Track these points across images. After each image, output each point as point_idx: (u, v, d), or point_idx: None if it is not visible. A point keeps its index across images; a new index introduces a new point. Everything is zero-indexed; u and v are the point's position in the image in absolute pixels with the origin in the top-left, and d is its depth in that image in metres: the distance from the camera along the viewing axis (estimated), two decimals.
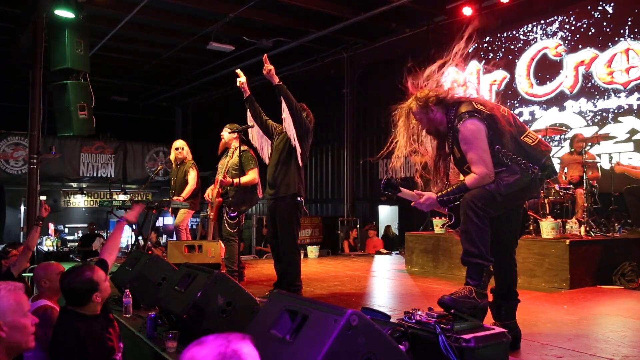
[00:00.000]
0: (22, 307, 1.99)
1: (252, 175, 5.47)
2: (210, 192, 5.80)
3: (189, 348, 1.41)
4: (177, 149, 6.95)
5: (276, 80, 4.57)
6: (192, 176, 6.75)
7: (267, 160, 4.99)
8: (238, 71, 4.92)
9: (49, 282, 3.25)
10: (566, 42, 8.35)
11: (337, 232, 10.97)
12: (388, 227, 11.94)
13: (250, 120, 5.00)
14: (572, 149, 7.03)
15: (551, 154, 3.17)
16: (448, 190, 2.99)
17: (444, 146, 3.18)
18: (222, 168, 5.72)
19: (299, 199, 4.65)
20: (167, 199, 7.09)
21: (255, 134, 5.06)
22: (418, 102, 3.11)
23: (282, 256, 4.70)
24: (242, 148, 5.47)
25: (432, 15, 9.81)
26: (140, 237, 7.12)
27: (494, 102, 3.15)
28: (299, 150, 4.59)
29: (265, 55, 4.63)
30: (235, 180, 5.39)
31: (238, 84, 4.91)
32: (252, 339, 1.47)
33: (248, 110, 4.97)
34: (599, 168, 7.10)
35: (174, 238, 7.29)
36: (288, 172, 4.65)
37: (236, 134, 5.51)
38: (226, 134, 5.79)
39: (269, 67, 4.55)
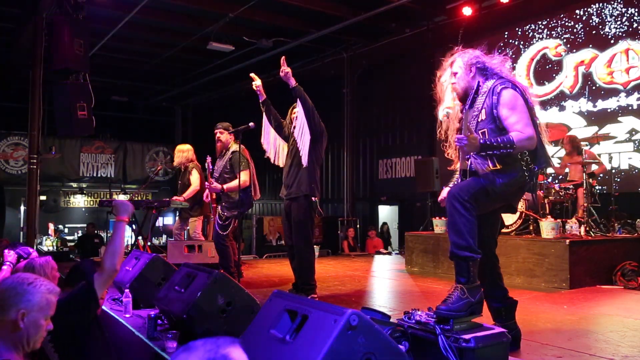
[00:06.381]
0: (48, 310, 2.09)
1: (243, 177, 5.24)
2: (209, 193, 5.80)
3: (177, 353, 1.40)
4: (176, 154, 6.97)
5: (293, 82, 4.65)
6: (194, 178, 6.73)
7: (279, 163, 5.02)
8: (253, 75, 4.97)
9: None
10: (566, 42, 8.36)
11: (337, 232, 10.97)
12: (383, 225, 11.92)
13: (264, 122, 5.01)
14: (566, 150, 7.08)
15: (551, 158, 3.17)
16: (492, 139, 2.87)
17: (463, 108, 3.16)
18: (216, 170, 5.64)
19: (313, 199, 4.66)
20: (167, 199, 7.09)
21: (270, 138, 5.06)
22: (465, 57, 3.10)
23: (296, 255, 4.72)
24: (232, 149, 5.44)
25: (432, 15, 9.80)
26: (140, 237, 7.13)
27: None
28: (305, 151, 4.60)
29: (284, 57, 4.67)
30: (226, 186, 5.37)
31: (254, 87, 4.93)
32: (241, 343, 1.46)
33: (264, 113, 5.00)
34: (604, 162, 7.05)
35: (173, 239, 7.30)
36: (301, 173, 4.68)
37: (232, 134, 5.48)
38: (223, 135, 5.65)
39: (286, 69, 4.62)
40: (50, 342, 2.49)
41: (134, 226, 7.37)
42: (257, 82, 4.91)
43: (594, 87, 7.97)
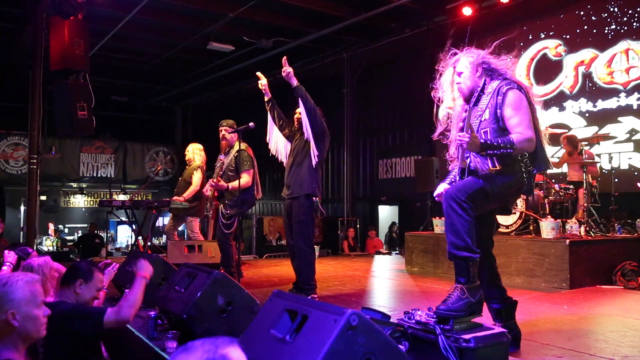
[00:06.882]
0: (36, 299, 2.07)
1: (246, 178, 5.29)
2: (210, 189, 5.80)
3: (176, 354, 1.40)
4: (186, 150, 7.07)
5: (295, 82, 4.66)
6: (196, 177, 6.74)
7: (284, 162, 5.03)
8: (259, 74, 4.99)
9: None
10: (566, 42, 8.35)
11: (337, 232, 10.97)
12: (392, 225, 11.86)
13: (269, 121, 5.02)
14: (566, 150, 7.09)
15: (550, 153, 3.18)
16: (493, 139, 2.88)
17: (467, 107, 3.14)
18: (219, 168, 5.66)
19: (314, 199, 4.67)
20: (167, 199, 7.09)
21: (273, 136, 5.08)
22: (472, 57, 3.11)
23: (296, 255, 4.73)
24: (237, 147, 5.44)
25: (432, 15, 9.80)
26: (140, 237, 7.13)
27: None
28: (314, 149, 4.61)
29: (285, 57, 4.68)
30: (231, 185, 5.38)
31: (260, 86, 4.95)
32: (241, 343, 1.46)
33: (269, 112, 5.01)
34: (599, 167, 7.15)
35: None
36: (302, 172, 4.70)
37: (236, 133, 5.49)
38: (228, 134, 5.69)
39: (288, 69, 4.64)
40: (42, 346, 2.49)
41: (134, 226, 7.37)
42: (263, 81, 4.94)
43: (594, 87, 7.97)
